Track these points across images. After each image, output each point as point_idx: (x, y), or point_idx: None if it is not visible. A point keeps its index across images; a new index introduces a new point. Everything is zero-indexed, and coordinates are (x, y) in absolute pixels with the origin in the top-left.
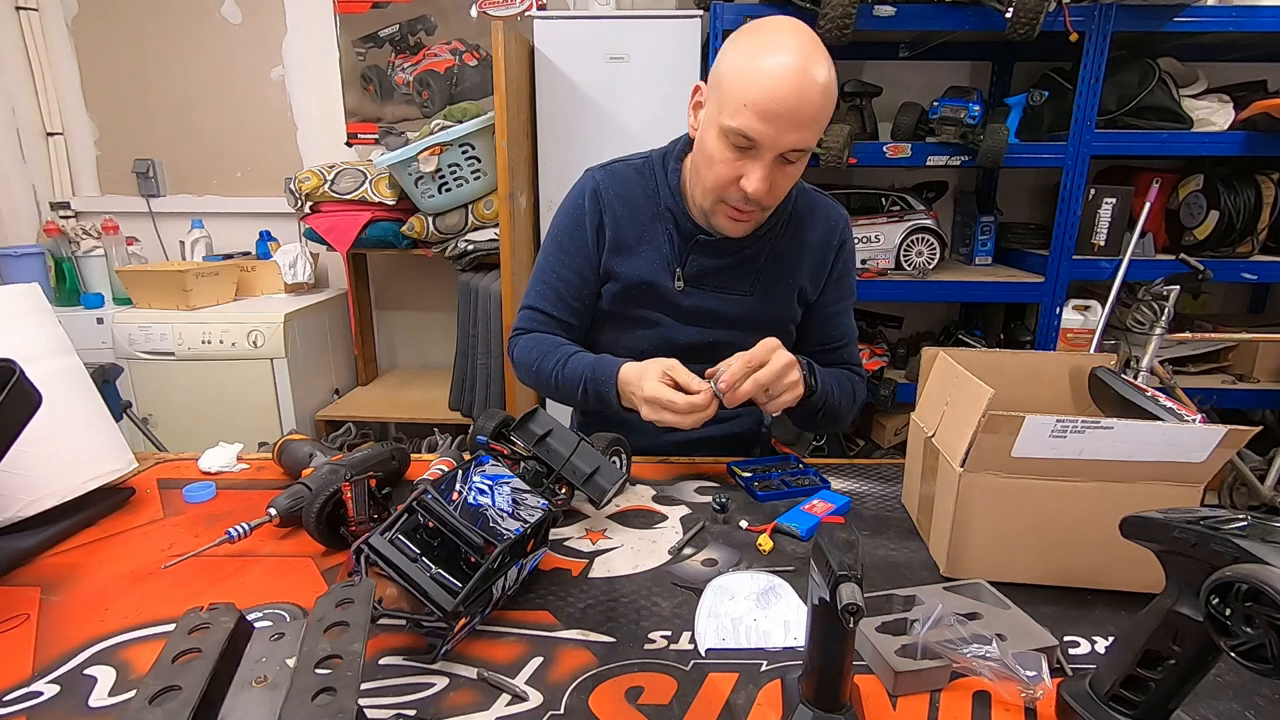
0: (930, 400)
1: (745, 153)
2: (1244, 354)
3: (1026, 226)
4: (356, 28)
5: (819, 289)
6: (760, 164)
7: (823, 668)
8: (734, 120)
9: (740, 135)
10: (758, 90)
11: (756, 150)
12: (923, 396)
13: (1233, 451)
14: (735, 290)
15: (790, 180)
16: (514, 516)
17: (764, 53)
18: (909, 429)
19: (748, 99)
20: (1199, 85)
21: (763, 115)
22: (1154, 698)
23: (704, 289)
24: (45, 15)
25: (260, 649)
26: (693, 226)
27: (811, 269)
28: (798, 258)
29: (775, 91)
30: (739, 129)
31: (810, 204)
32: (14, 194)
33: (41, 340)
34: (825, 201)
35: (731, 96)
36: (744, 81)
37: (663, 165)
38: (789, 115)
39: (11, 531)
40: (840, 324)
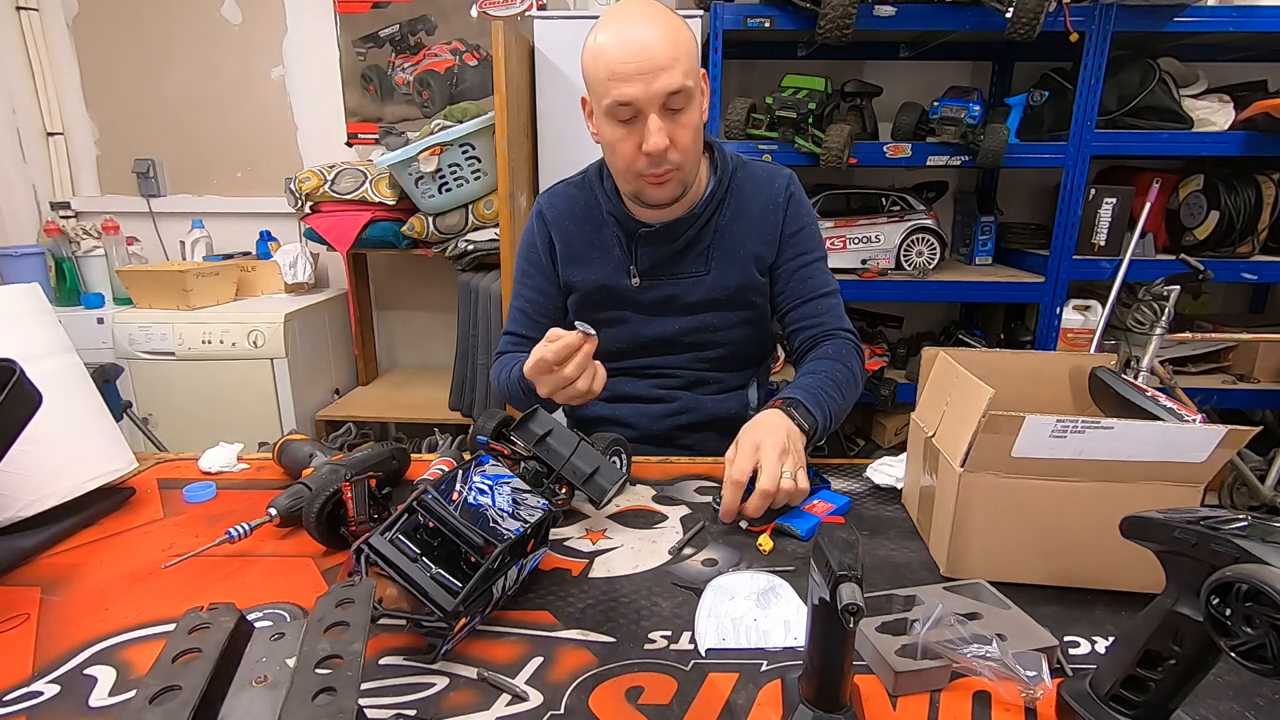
0: (930, 400)
1: (633, 123)
2: (1244, 354)
3: (1027, 226)
4: (356, 28)
5: (775, 249)
6: (650, 124)
7: (823, 668)
8: (607, 98)
9: (618, 106)
10: (608, 62)
11: (639, 113)
12: (923, 396)
13: (1233, 451)
14: (690, 273)
15: (690, 130)
16: (514, 516)
17: (600, 33)
18: (909, 429)
19: (608, 72)
20: (1199, 85)
21: (624, 78)
22: (1154, 698)
23: (660, 279)
24: (45, 15)
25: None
26: (635, 223)
27: (762, 233)
28: (745, 227)
29: (621, 54)
30: (613, 101)
31: (750, 175)
32: (14, 194)
33: (41, 340)
34: (765, 167)
35: (597, 82)
36: (597, 63)
37: (598, 175)
38: (645, 63)
39: (11, 531)
40: (813, 275)
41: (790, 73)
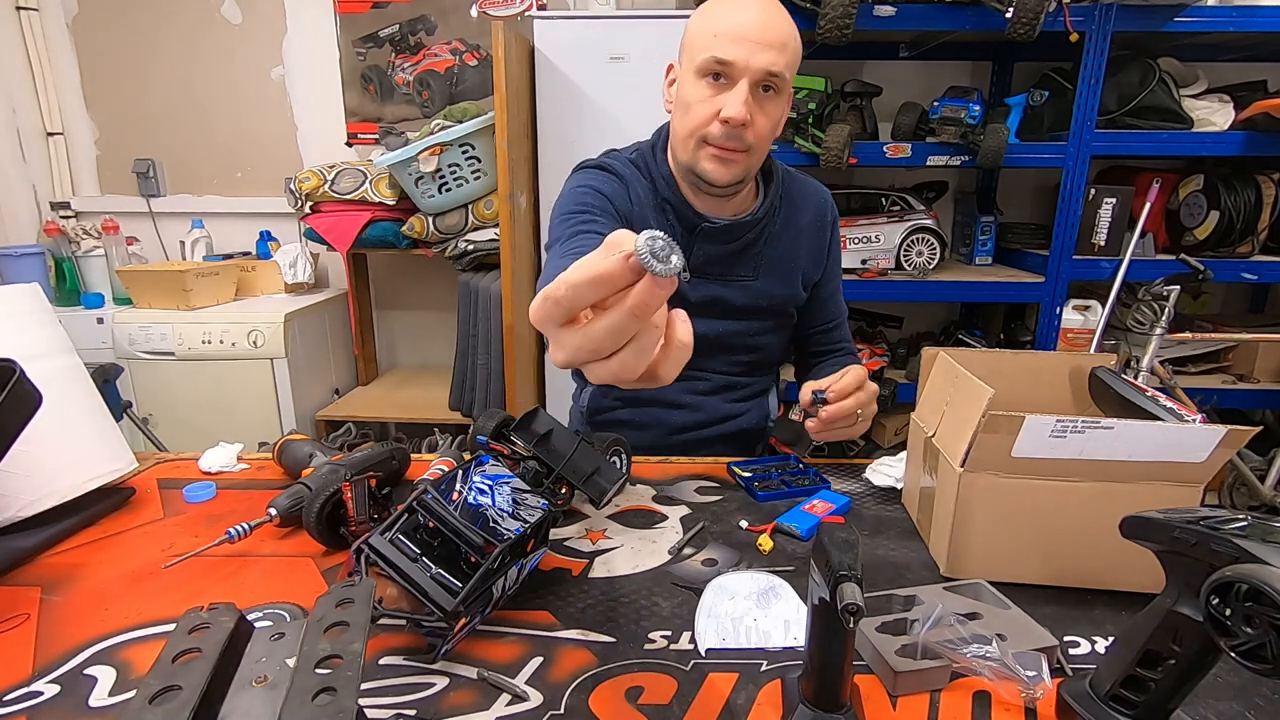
0: (930, 400)
1: (722, 85)
2: (1244, 354)
3: (1026, 226)
4: (356, 28)
5: (821, 270)
6: (737, 90)
7: (823, 668)
8: (706, 53)
9: (713, 61)
10: (722, 20)
11: (732, 77)
12: (923, 396)
13: (1233, 451)
14: (740, 277)
15: (771, 121)
16: (514, 516)
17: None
18: (909, 429)
19: (716, 29)
20: (1199, 85)
21: (733, 38)
22: (1154, 698)
23: (710, 278)
24: (45, 15)
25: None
26: (694, 215)
27: (812, 250)
28: (795, 239)
29: (741, 16)
30: (711, 56)
31: (797, 186)
32: (14, 194)
33: (41, 340)
34: (809, 181)
35: (700, 38)
36: (709, 20)
37: (653, 156)
38: (757, 35)
39: (11, 531)
40: (836, 302)
41: None
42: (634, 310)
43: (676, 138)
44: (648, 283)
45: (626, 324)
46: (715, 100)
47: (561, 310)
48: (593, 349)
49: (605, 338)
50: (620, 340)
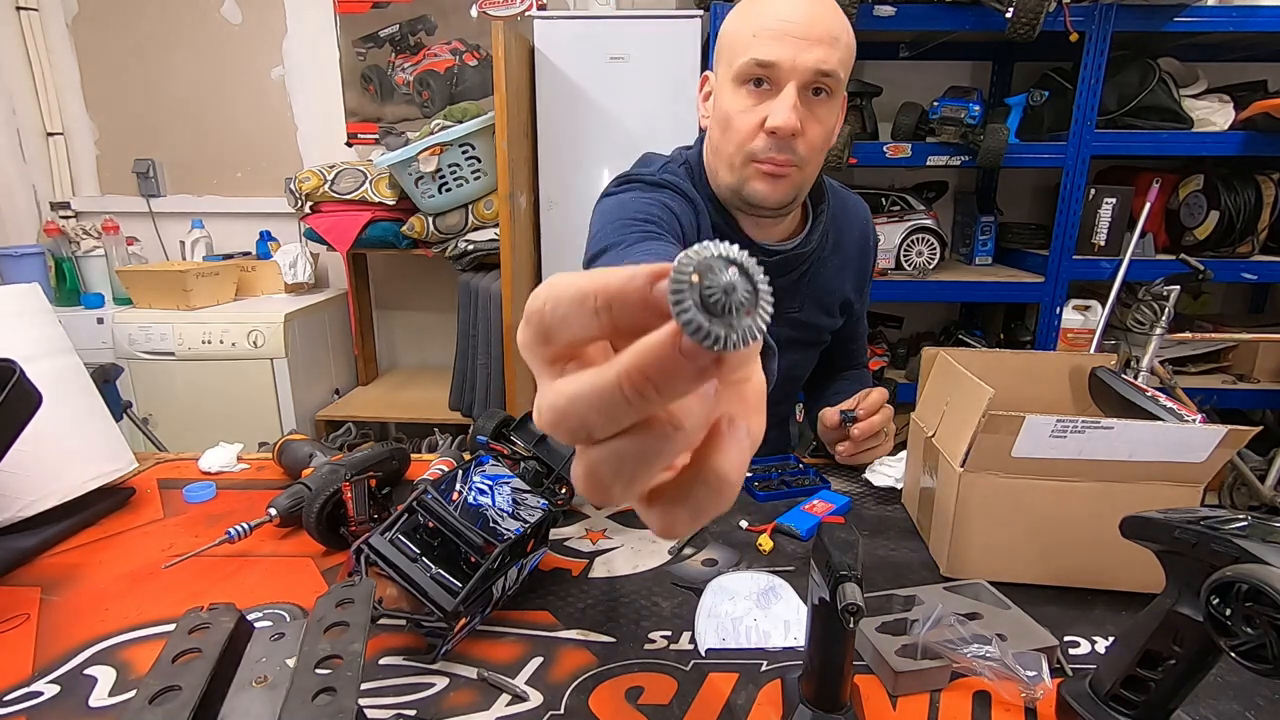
0: (930, 400)
1: (765, 92)
2: (1244, 354)
3: (1026, 226)
4: (356, 28)
5: (862, 295)
6: (784, 96)
7: (823, 668)
8: (745, 55)
9: (755, 65)
10: (761, 16)
11: (777, 81)
12: (923, 396)
13: (1233, 451)
14: (787, 309)
15: (825, 128)
16: (514, 516)
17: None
18: (909, 429)
19: (757, 28)
20: (1199, 85)
21: (775, 35)
22: (1154, 698)
23: None
24: (45, 15)
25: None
26: (749, 245)
27: (855, 277)
28: (841, 265)
29: (782, 9)
30: (752, 59)
31: (840, 203)
32: (14, 194)
33: (41, 340)
34: (849, 196)
35: (739, 39)
36: (746, 18)
37: (698, 177)
38: (803, 29)
39: (11, 531)
40: (863, 321)
41: None
42: (627, 377)
43: (719, 157)
44: (664, 338)
45: (610, 399)
46: (759, 110)
47: (531, 332)
48: (556, 420)
49: (579, 410)
50: (604, 424)
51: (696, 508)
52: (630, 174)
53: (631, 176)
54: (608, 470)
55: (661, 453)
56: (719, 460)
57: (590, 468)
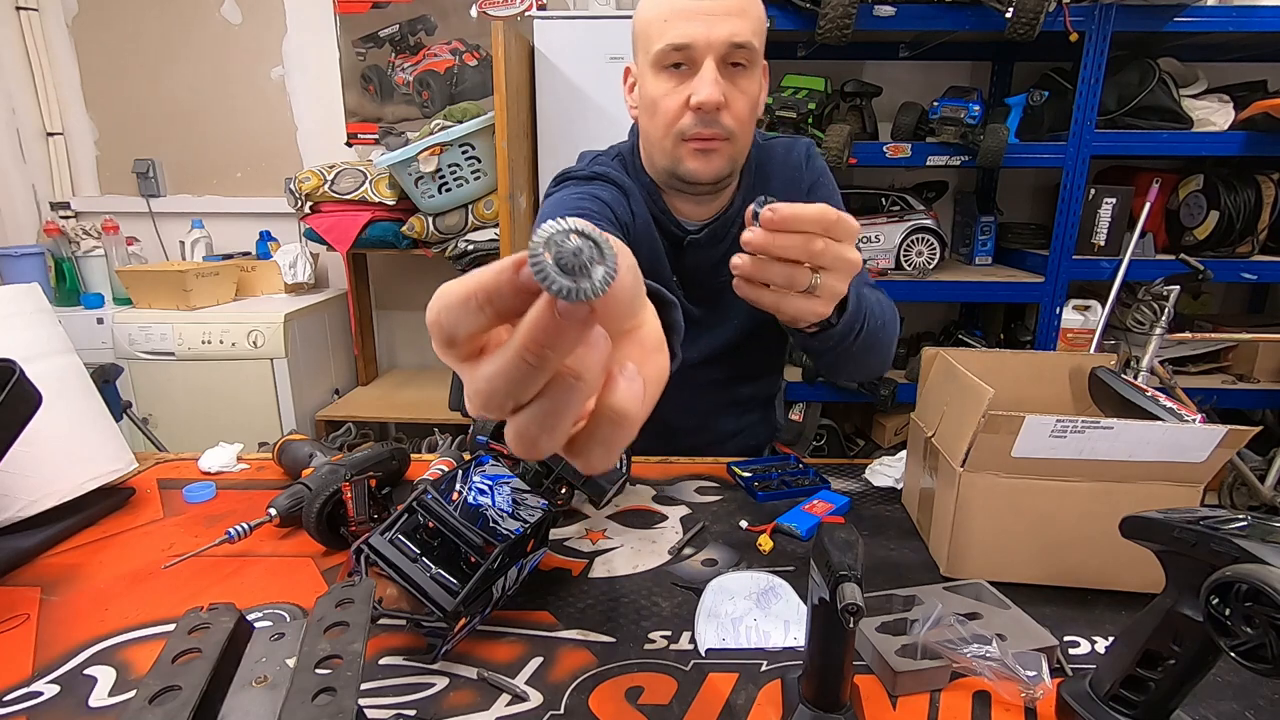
0: (930, 400)
1: (685, 73)
2: (1244, 354)
3: (1026, 226)
4: (356, 28)
5: None
6: (704, 72)
7: (823, 668)
8: (660, 41)
9: (672, 50)
10: (672, 1)
11: (694, 60)
12: (923, 396)
13: (1233, 451)
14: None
15: (747, 99)
16: (514, 516)
17: None
18: (909, 429)
19: (668, 13)
20: (1199, 85)
21: (686, 16)
22: (1154, 698)
23: (704, 289)
24: (45, 15)
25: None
26: (679, 229)
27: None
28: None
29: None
30: (667, 44)
31: (768, 155)
32: (14, 194)
33: (41, 340)
34: (778, 144)
35: (653, 26)
36: (659, 3)
37: (633, 165)
38: (711, 6)
39: (11, 531)
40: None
41: (790, 73)
42: (524, 349)
43: (651, 143)
44: (543, 308)
45: (517, 370)
46: (682, 90)
47: (437, 342)
48: (483, 401)
49: (497, 386)
50: (519, 392)
51: (605, 441)
52: (564, 172)
53: (566, 174)
54: (534, 427)
55: (571, 402)
56: (614, 397)
57: (519, 430)
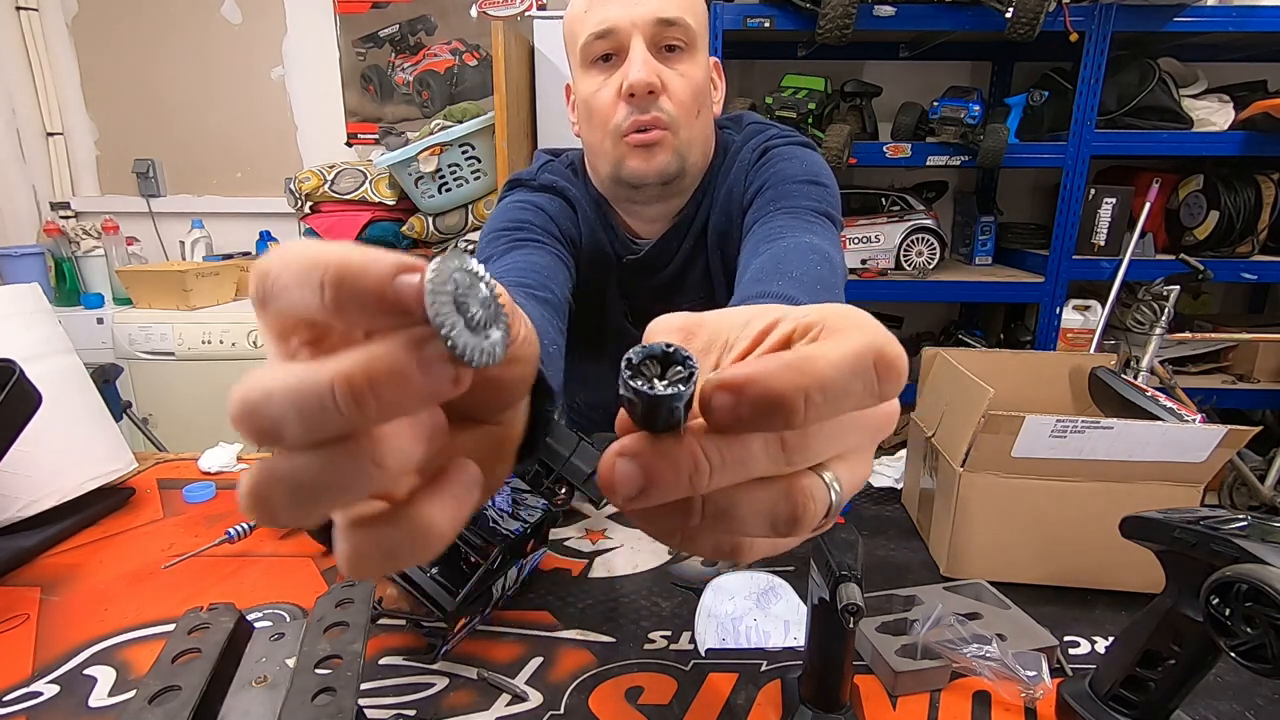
0: (930, 400)
1: (615, 62)
2: (1244, 354)
3: (1026, 226)
4: (356, 28)
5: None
6: (632, 54)
7: (823, 668)
8: (584, 32)
9: (595, 39)
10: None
11: (621, 46)
12: (923, 396)
13: (1233, 451)
14: (691, 303)
15: (688, 82)
16: (514, 516)
17: None
18: (909, 429)
19: (585, 4)
20: (1199, 85)
21: (605, 1)
22: (1154, 698)
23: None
24: (45, 15)
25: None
26: (622, 247)
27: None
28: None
29: None
30: (590, 32)
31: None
32: (14, 194)
33: (41, 340)
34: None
35: (576, 24)
36: (578, 2)
37: (583, 178)
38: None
39: (11, 531)
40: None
41: (790, 73)
42: (346, 380)
43: (593, 152)
44: (406, 344)
45: (318, 401)
46: (614, 80)
47: (252, 290)
48: (243, 411)
49: (276, 405)
50: (299, 429)
51: (389, 551)
52: (515, 177)
53: (516, 180)
54: (280, 489)
55: (351, 489)
56: (432, 507)
57: (260, 480)
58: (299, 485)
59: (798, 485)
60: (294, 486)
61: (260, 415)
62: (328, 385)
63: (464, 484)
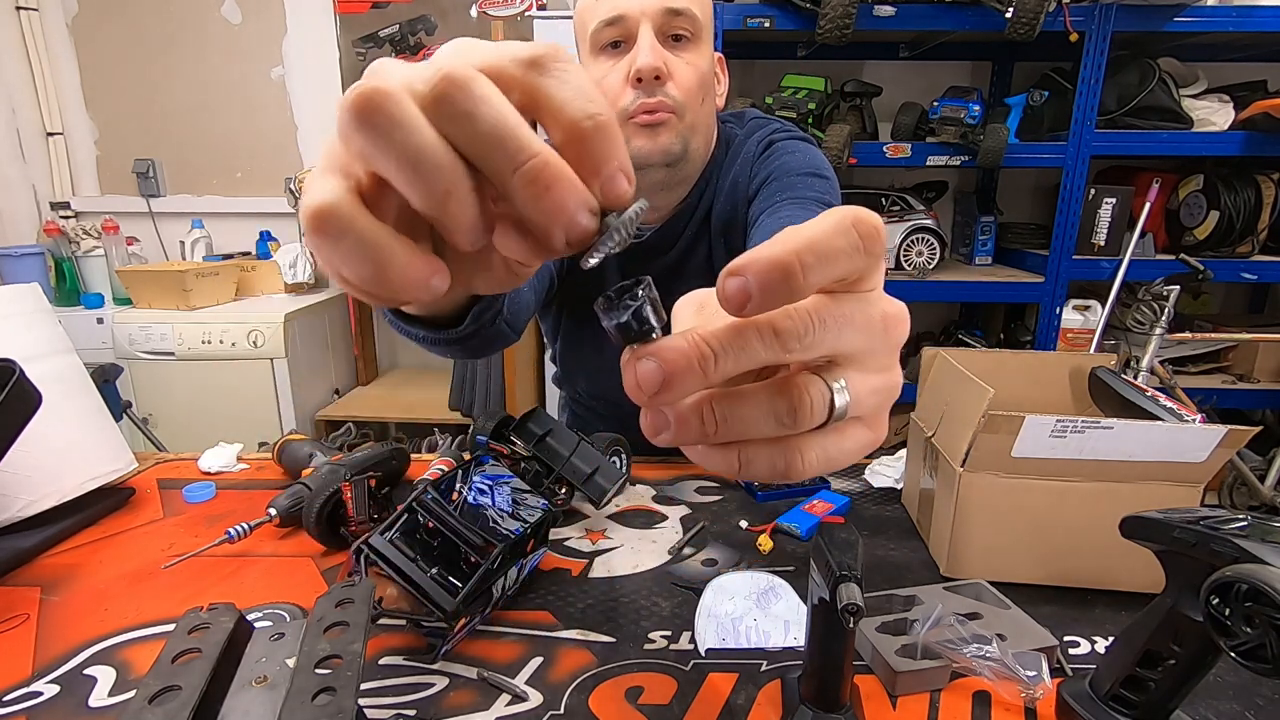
0: (930, 400)
1: (623, 50)
2: (1244, 354)
3: (1026, 226)
4: (356, 28)
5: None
6: (640, 40)
7: (823, 668)
8: (594, 20)
9: (605, 26)
10: None
11: (630, 33)
12: (923, 396)
13: (1233, 451)
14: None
15: (694, 69)
16: (514, 516)
17: None
18: (909, 429)
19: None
20: (1199, 85)
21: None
22: (1154, 698)
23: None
24: (45, 15)
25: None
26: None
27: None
28: (734, 209)
29: None
30: (600, 19)
31: (736, 145)
32: (14, 194)
33: (41, 340)
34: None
35: (587, 13)
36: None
37: None
38: None
39: (11, 531)
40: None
41: (790, 73)
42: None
43: None
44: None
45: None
46: (622, 65)
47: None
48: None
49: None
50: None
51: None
52: None
53: None
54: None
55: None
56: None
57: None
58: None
59: (794, 380)
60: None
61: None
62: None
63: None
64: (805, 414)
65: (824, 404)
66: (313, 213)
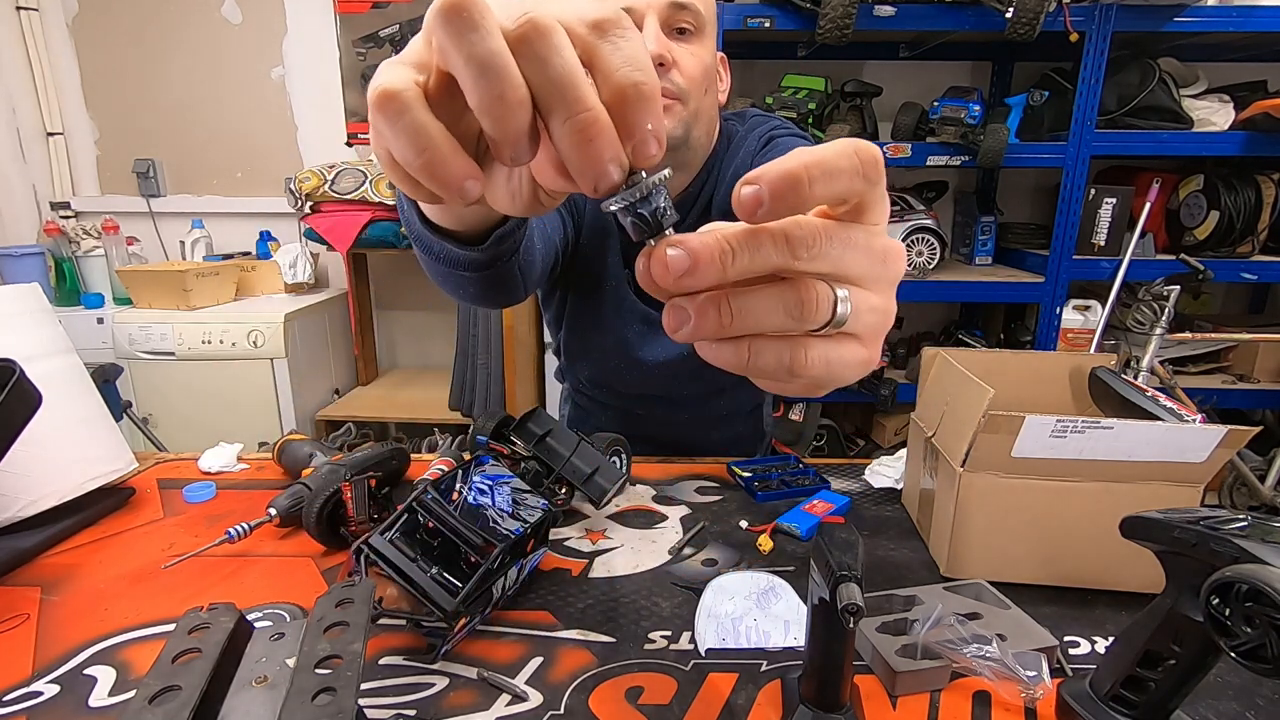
0: (930, 400)
1: None
2: (1244, 354)
3: (1026, 226)
4: (356, 28)
5: None
6: (645, 30)
7: (823, 668)
8: None
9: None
10: None
11: (636, 23)
12: (923, 396)
13: (1233, 451)
14: None
15: (698, 61)
16: (514, 516)
17: None
18: (909, 429)
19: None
20: (1199, 85)
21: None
22: (1154, 698)
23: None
24: (45, 15)
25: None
26: None
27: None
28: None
29: None
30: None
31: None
32: (14, 194)
33: (41, 340)
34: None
35: None
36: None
37: None
38: None
39: (11, 531)
40: None
41: (790, 73)
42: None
43: None
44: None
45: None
46: None
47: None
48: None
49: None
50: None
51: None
52: None
53: None
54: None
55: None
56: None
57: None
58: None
59: (804, 282)
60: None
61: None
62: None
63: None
64: (811, 309)
65: (829, 304)
66: (379, 92)
